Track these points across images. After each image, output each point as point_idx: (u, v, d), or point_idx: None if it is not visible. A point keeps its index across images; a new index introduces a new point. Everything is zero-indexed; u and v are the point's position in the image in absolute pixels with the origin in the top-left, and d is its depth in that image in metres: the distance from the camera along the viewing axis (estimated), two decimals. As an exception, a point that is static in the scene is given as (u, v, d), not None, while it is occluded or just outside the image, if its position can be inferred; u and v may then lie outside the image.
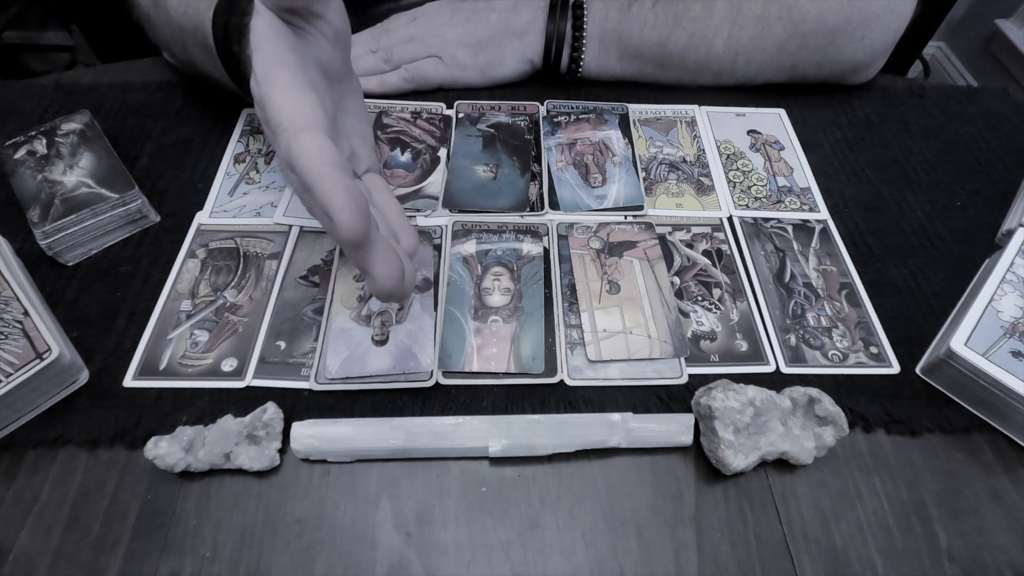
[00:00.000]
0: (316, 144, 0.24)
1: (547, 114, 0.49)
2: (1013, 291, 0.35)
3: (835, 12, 0.46)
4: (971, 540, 0.30)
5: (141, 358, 0.34)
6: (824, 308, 0.38)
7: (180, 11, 0.38)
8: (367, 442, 0.31)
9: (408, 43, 0.49)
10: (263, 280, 0.38)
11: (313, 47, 0.31)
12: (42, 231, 0.36)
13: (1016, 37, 1.40)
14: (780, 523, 0.31)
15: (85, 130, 0.42)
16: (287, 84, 0.26)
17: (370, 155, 0.35)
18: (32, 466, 0.31)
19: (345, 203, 0.23)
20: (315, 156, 0.24)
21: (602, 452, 0.32)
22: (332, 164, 0.24)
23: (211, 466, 0.30)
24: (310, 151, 0.24)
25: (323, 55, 0.31)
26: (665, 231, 0.42)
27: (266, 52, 0.28)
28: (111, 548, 0.29)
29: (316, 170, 0.24)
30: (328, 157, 0.24)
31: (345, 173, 0.24)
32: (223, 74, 0.33)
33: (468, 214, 0.42)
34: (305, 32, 0.31)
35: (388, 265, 0.26)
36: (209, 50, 0.34)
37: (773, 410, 0.31)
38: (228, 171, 0.44)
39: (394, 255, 0.27)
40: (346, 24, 0.33)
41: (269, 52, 0.28)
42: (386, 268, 0.26)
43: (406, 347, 0.35)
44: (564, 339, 0.36)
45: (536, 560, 0.29)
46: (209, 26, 0.33)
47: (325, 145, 0.24)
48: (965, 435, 0.34)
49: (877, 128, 0.50)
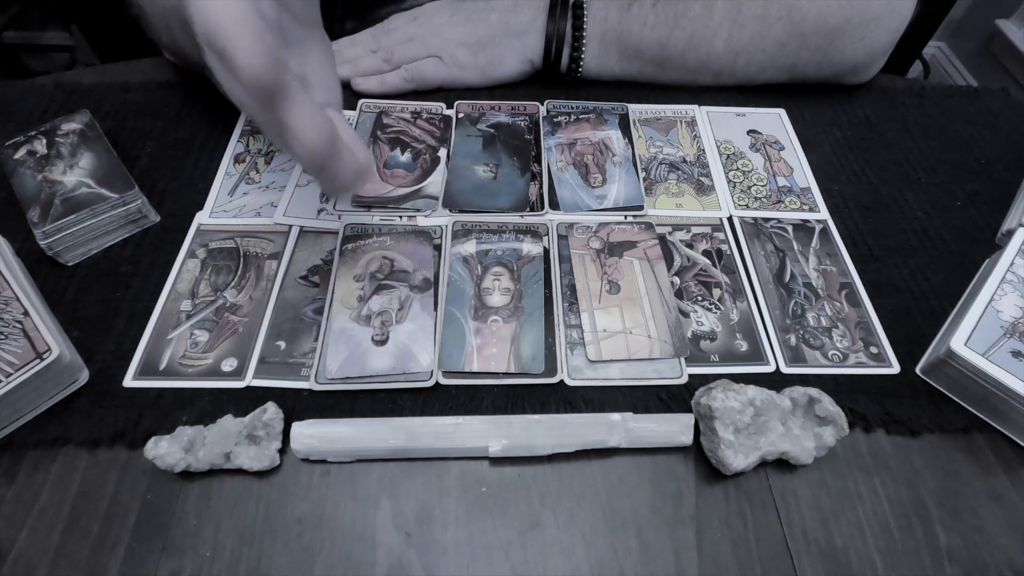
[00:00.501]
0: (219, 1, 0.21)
1: (547, 114, 0.49)
2: (1013, 291, 0.35)
3: (835, 12, 0.46)
4: (971, 540, 0.30)
5: (141, 358, 0.34)
6: (824, 308, 0.38)
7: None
8: (367, 442, 0.31)
9: (408, 43, 0.49)
10: (263, 280, 0.38)
11: None
12: (42, 231, 0.36)
13: (1016, 37, 1.40)
14: (780, 523, 0.31)
15: (85, 130, 0.42)
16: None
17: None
18: (32, 466, 0.31)
19: (245, 35, 0.21)
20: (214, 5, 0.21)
21: (602, 452, 0.32)
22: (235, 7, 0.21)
23: (211, 466, 0.30)
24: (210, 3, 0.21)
25: None
26: (665, 231, 0.42)
27: None
28: (111, 548, 0.29)
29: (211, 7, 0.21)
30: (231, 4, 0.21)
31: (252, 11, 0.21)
32: None
33: (468, 214, 0.42)
34: None
35: (311, 120, 0.23)
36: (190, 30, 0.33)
37: (773, 410, 0.31)
38: (228, 171, 0.44)
39: (320, 114, 0.24)
40: None
41: None
42: (308, 123, 0.23)
43: (406, 347, 0.35)
44: (564, 339, 0.36)
45: (536, 560, 0.29)
46: None
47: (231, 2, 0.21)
48: (965, 435, 0.34)
49: (877, 128, 0.50)
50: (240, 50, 0.21)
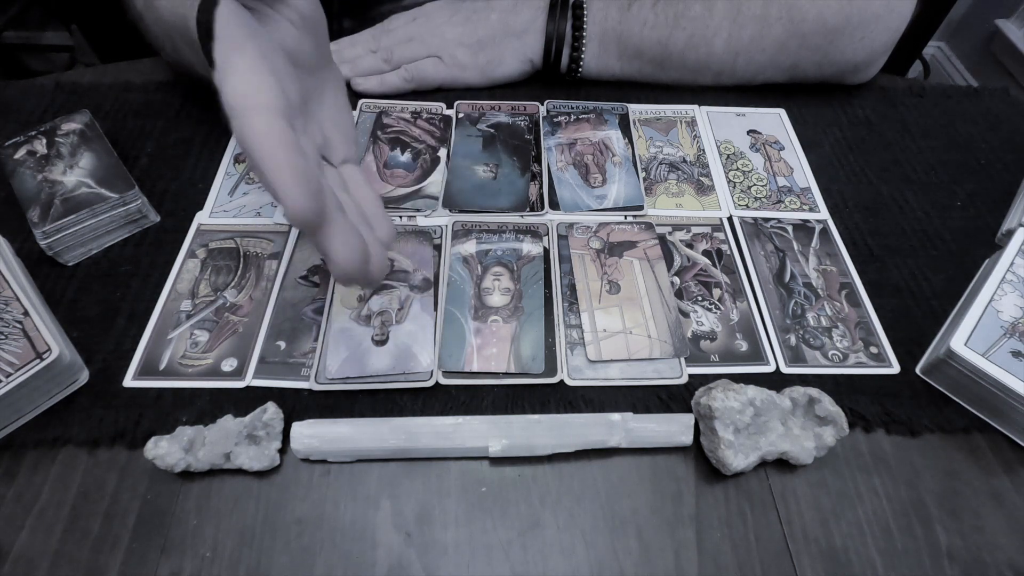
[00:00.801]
0: (265, 123, 0.23)
1: (547, 114, 0.49)
2: (1013, 291, 0.35)
3: (835, 12, 0.46)
4: (971, 540, 0.30)
5: (141, 358, 0.34)
6: (824, 308, 0.38)
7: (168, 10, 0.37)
8: (367, 442, 0.31)
9: (408, 43, 0.49)
10: (263, 280, 0.38)
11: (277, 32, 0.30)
12: (42, 231, 0.36)
13: (1016, 37, 1.40)
14: (780, 523, 0.30)
15: (85, 130, 0.42)
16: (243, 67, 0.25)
17: (347, 146, 0.35)
18: (32, 466, 0.31)
19: (293, 183, 0.23)
20: (265, 135, 0.23)
21: (602, 452, 0.32)
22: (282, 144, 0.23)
23: (211, 466, 0.30)
24: (260, 130, 0.23)
25: (288, 40, 0.30)
26: (665, 231, 0.42)
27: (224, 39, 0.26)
28: (111, 548, 0.29)
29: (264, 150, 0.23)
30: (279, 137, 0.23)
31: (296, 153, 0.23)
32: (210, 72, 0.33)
33: (468, 214, 0.42)
34: (268, 17, 0.30)
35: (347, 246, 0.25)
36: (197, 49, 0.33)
37: (773, 410, 0.31)
38: (228, 171, 0.44)
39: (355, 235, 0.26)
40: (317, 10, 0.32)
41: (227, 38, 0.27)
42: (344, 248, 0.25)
43: (406, 347, 0.35)
44: (564, 339, 0.36)
45: (536, 560, 0.29)
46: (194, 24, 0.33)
47: (276, 125, 0.23)
48: (965, 435, 0.34)
49: (877, 128, 0.50)
50: (289, 198, 0.23)
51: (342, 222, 0.26)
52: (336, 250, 0.25)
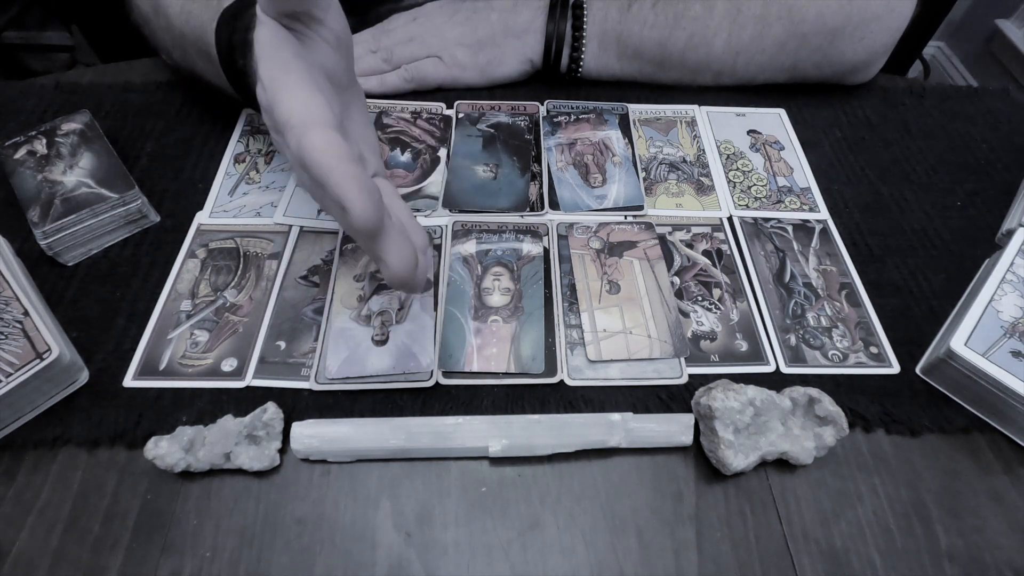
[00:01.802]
0: (326, 138, 0.24)
1: (547, 114, 0.49)
2: (1013, 291, 0.35)
3: (835, 12, 0.46)
4: (971, 540, 0.30)
5: (141, 358, 0.34)
6: (824, 308, 0.38)
7: (181, 19, 0.38)
8: (367, 442, 0.31)
9: (408, 43, 0.49)
10: (263, 280, 0.38)
11: (316, 52, 0.31)
12: (42, 231, 0.36)
13: (1016, 37, 1.40)
14: (780, 523, 0.31)
15: (85, 130, 0.42)
16: (293, 84, 0.27)
17: (376, 160, 0.36)
18: (32, 466, 0.31)
19: (359, 193, 0.24)
20: (325, 150, 0.24)
21: (602, 452, 0.32)
22: (343, 157, 0.24)
23: (211, 466, 0.30)
24: (320, 145, 0.24)
25: (327, 61, 0.31)
26: (665, 231, 0.42)
27: (270, 59, 0.28)
28: (111, 548, 0.29)
29: (327, 163, 0.24)
30: (339, 150, 0.24)
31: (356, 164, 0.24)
32: (225, 83, 0.33)
33: (468, 214, 0.42)
34: (307, 38, 0.31)
35: (402, 252, 0.27)
36: (212, 60, 0.34)
37: (773, 410, 0.31)
38: (228, 171, 0.44)
39: (407, 242, 0.27)
40: (347, 30, 0.33)
41: (273, 58, 0.28)
42: (400, 255, 0.27)
43: (406, 347, 0.35)
44: (564, 339, 0.36)
45: (536, 560, 0.29)
46: (212, 38, 0.33)
47: (335, 139, 0.25)
48: (965, 435, 0.34)
49: (877, 128, 0.50)
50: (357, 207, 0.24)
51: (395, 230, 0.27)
52: (392, 256, 0.27)
